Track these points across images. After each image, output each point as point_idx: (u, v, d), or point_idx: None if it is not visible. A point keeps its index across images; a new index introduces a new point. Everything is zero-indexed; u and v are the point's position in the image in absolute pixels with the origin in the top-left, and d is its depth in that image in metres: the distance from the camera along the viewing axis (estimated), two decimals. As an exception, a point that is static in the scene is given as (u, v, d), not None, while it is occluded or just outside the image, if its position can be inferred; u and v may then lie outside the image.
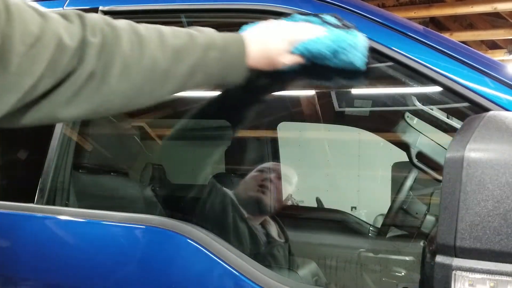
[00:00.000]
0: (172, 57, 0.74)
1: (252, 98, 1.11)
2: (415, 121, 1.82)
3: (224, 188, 1.49)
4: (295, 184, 1.70)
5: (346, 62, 0.88)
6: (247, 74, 0.86)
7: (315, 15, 0.94)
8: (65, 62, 0.62)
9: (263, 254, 1.44)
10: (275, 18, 0.95)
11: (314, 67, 0.91)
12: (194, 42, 0.78)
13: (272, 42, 0.88)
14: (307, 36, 0.88)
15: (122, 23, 0.72)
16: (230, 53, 0.83)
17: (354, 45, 0.88)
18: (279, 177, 1.58)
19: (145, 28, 0.74)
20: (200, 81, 0.80)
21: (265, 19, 0.92)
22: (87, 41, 0.65)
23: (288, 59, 0.88)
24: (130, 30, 0.71)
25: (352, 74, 0.92)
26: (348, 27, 0.90)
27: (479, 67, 0.90)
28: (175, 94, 0.80)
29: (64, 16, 0.66)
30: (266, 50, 0.87)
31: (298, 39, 0.88)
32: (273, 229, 1.60)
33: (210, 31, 0.83)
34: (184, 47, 0.76)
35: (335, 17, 0.92)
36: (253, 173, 1.61)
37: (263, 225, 1.58)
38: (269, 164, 1.64)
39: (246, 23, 0.93)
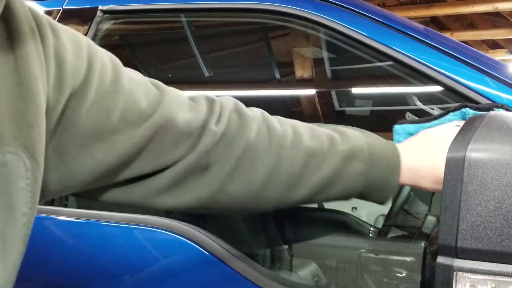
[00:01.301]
0: (305, 161, 0.61)
1: None
2: (415, 121, 1.82)
3: None
4: None
5: None
6: (395, 193, 0.71)
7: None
8: (174, 147, 0.54)
9: (270, 256, 1.42)
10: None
11: None
12: (334, 148, 0.64)
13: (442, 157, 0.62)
14: None
15: (255, 112, 0.63)
16: (379, 168, 0.65)
17: None
18: None
19: (278, 121, 0.63)
20: (337, 194, 0.65)
21: (264, 18, 0.92)
22: (207, 128, 0.56)
23: None
24: (261, 121, 0.61)
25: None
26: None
27: (480, 66, 0.90)
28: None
29: (191, 97, 0.59)
30: (434, 167, 0.66)
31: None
32: (273, 229, 1.60)
33: (354, 134, 0.67)
34: (322, 152, 0.63)
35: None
36: None
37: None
38: None
39: (246, 22, 0.92)
